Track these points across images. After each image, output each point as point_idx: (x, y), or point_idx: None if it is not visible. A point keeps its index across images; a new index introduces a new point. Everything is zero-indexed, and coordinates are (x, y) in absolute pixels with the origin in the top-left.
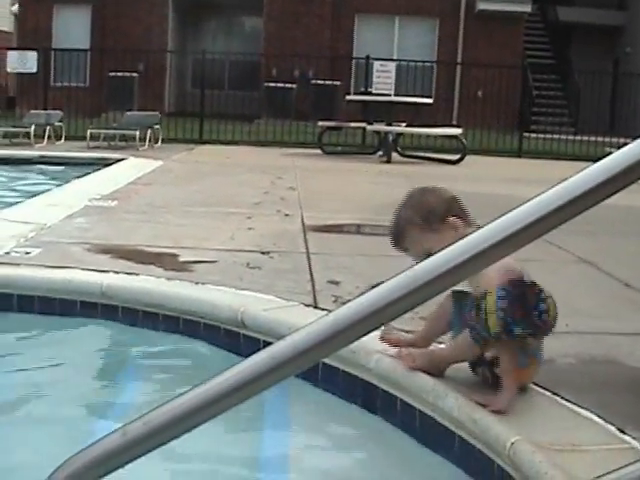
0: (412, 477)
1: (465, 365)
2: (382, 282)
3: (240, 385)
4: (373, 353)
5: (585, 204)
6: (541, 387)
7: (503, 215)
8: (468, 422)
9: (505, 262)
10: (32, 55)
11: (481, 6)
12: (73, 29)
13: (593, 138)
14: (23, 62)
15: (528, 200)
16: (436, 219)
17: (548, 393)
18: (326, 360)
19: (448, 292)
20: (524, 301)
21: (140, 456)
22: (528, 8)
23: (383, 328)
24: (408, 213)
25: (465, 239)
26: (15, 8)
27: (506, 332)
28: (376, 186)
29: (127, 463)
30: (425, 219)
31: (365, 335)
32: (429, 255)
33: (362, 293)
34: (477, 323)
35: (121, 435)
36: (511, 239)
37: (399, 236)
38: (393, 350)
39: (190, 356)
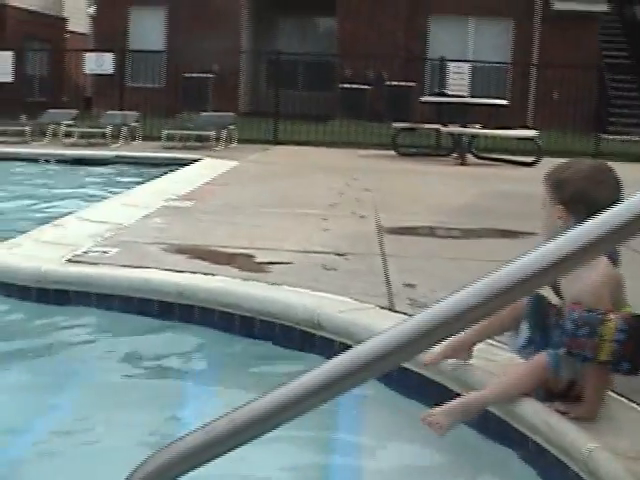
0: None
1: None
2: None
3: (324, 386)
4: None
5: None
6: (618, 394)
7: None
8: (543, 427)
9: (612, 273)
10: (109, 57)
11: (557, 6)
12: (148, 30)
13: None
14: (100, 64)
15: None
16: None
17: (625, 400)
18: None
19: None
20: (639, 339)
21: (222, 454)
22: (604, 7)
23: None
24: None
25: (550, 244)
26: (92, 10)
27: (613, 364)
28: (450, 188)
29: (209, 461)
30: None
31: (446, 339)
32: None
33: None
34: (586, 345)
35: (204, 433)
36: (596, 244)
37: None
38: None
39: (265, 356)
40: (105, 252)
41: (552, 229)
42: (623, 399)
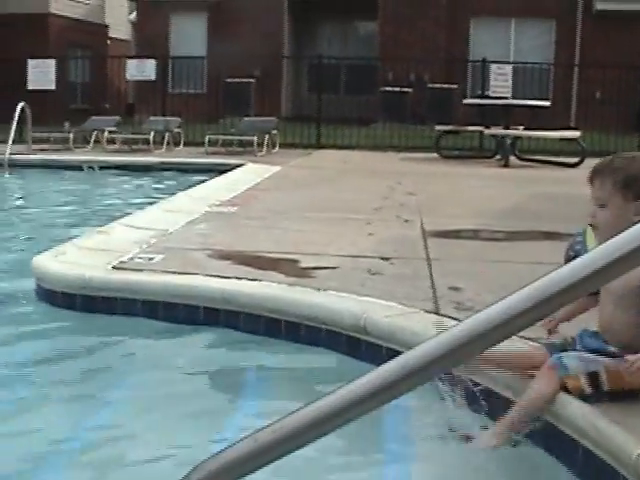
0: None
1: None
2: None
3: (370, 394)
4: None
5: None
6: None
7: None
8: (591, 431)
9: None
10: (151, 63)
11: (599, 6)
12: (190, 36)
13: None
14: (142, 70)
15: None
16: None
17: None
18: None
19: None
20: None
21: (270, 462)
22: None
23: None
24: None
25: (600, 247)
26: (133, 17)
27: None
28: (494, 190)
29: (257, 469)
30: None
31: (494, 345)
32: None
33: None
34: None
35: (252, 441)
36: None
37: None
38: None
39: (312, 362)
40: (150, 258)
41: (624, 228)
42: None
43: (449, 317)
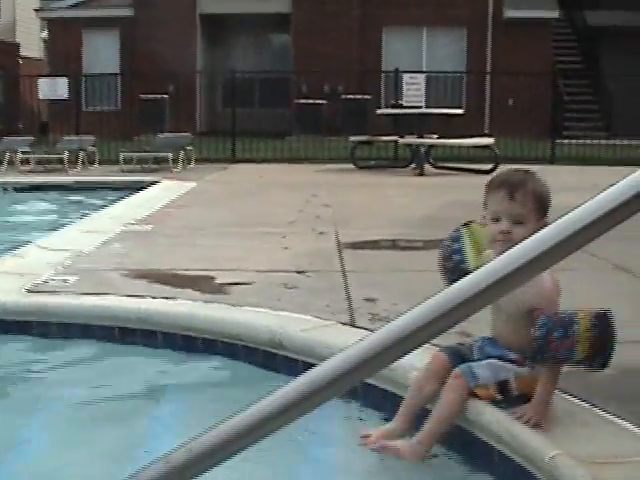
0: None
1: None
2: None
3: (281, 410)
4: (411, 370)
5: (630, 211)
6: (579, 399)
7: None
8: (506, 436)
9: (557, 281)
10: (63, 82)
11: (508, 14)
12: (103, 53)
13: (626, 142)
14: (54, 89)
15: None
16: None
17: (586, 405)
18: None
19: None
20: (606, 335)
21: None
22: (555, 14)
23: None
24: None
25: (504, 255)
26: (44, 34)
27: (590, 361)
28: (409, 199)
29: None
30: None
31: (402, 357)
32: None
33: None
34: (560, 347)
35: (164, 464)
36: (551, 253)
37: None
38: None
39: (229, 379)
40: (65, 280)
41: None
42: (585, 404)
43: (364, 329)
